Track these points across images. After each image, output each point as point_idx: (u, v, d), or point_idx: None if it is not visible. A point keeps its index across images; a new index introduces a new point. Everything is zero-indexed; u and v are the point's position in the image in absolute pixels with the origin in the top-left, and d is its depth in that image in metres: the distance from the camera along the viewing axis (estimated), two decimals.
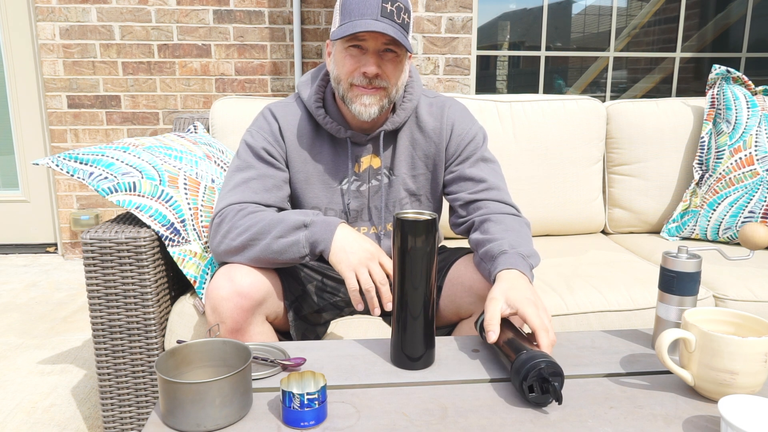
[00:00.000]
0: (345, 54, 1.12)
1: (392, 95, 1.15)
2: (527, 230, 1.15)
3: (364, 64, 1.10)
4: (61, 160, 1.29)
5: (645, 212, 1.91)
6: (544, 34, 2.95)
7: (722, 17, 3.17)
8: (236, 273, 1.07)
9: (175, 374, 0.80)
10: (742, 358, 0.77)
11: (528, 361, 0.79)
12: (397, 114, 1.21)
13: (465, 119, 1.26)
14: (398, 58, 1.13)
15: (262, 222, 1.08)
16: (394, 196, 1.25)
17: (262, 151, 1.18)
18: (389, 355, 0.94)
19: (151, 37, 2.86)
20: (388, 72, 1.12)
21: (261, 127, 1.21)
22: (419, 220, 0.85)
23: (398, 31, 1.08)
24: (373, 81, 1.11)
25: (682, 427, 0.75)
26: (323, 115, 1.19)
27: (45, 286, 2.62)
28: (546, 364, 0.78)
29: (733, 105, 1.80)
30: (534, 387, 0.79)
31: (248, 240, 1.07)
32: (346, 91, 1.13)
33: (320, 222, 1.07)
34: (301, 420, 0.74)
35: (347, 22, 1.08)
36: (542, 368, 0.78)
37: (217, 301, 1.05)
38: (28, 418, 1.57)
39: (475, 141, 1.24)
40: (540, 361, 0.79)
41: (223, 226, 1.11)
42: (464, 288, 1.14)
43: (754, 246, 1.04)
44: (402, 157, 1.24)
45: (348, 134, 1.20)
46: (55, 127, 2.93)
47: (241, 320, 1.06)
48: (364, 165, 1.24)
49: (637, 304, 1.37)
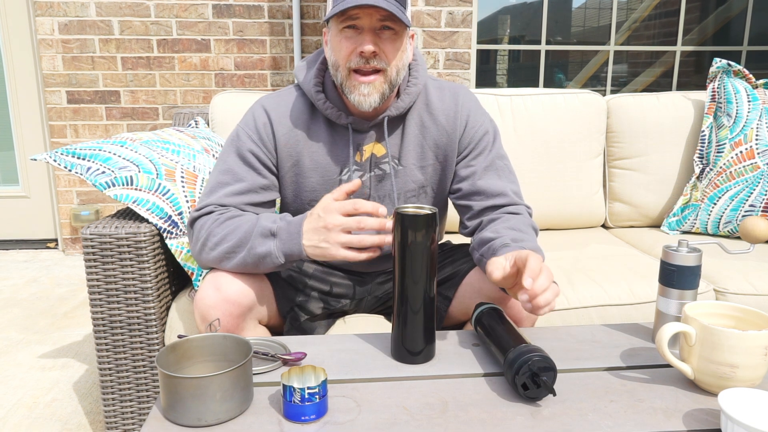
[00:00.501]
0: (340, 37, 1.05)
1: (393, 78, 1.07)
2: (532, 232, 1.11)
3: (360, 43, 1.03)
4: (59, 156, 1.29)
5: (645, 206, 1.91)
6: (545, 28, 2.94)
7: (723, 10, 3.16)
8: (222, 280, 1.05)
9: (176, 369, 0.80)
10: (742, 351, 0.77)
11: (519, 357, 0.79)
12: (402, 99, 1.13)
13: (479, 110, 1.20)
14: (396, 36, 1.05)
15: (237, 232, 1.04)
16: (400, 187, 1.18)
17: (247, 153, 1.13)
18: (390, 350, 0.94)
19: (151, 32, 2.85)
20: (386, 51, 1.04)
21: (247, 125, 1.15)
22: (419, 214, 0.85)
23: (393, 5, 1.00)
24: (370, 61, 1.04)
25: (683, 421, 0.75)
26: (323, 100, 1.12)
27: (46, 282, 2.62)
28: (538, 358, 0.78)
29: (733, 98, 1.80)
30: (527, 383, 0.79)
31: (225, 253, 1.05)
32: (344, 78, 1.07)
33: (285, 228, 1.02)
34: (301, 414, 0.74)
35: (339, 1, 1.02)
36: (534, 362, 0.78)
37: (205, 310, 1.04)
38: (29, 413, 1.58)
39: (488, 135, 1.19)
40: (532, 355, 0.79)
41: (202, 233, 1.07)
42: (474, 290, 1.13)
43: (754, 240, 1.04)
44: (410, 146, 1.16)
45: (349, 120, 1.12)
46: (55, 123, 2.92)
47: (232, 327, 1.05)
48: (367, 153, 1.16)
49: (638, 297, 1.37)
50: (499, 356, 0.85)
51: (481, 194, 1.16)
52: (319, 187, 1.17)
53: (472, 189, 1.16)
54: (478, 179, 1.16)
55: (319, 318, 1.23)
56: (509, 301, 1.08)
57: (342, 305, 1.25)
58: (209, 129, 1.74)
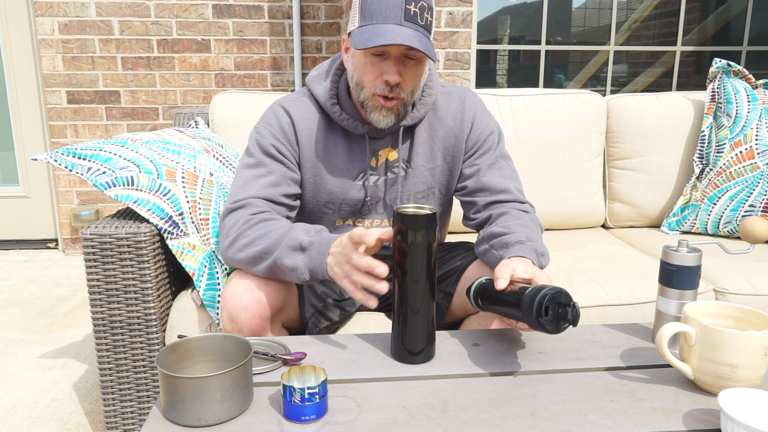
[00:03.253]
0: (365, 61, 1.07)
1: (408, 101, 1.12)
2: (540, 232, 1.14)
3: (386, 71, 1.06)
4: (60, 155, 1.29)
5: (645, 206, 1.91)
6: (545, 28, 2.94)
7: (723, 10, 3.16)
8: (255, 282, 1.05)
9: (176, 369, 0.80)
10: (742, 351, 0.77)
11: (541, 289, 0.80)
12: (417, 109, 1.18)
13: (485, 112, 1.24)
14: (419, 64, 1.09)
15: (267, 238, 1.04)
16: (410, 189, 1.22)
17: (271, 148, 1.15)
18: (390, 350, 0.94)
19: (151, 32, 2.85)
20: (407, 80, 1.08)
21: (269, 123, 1.17)
22: (419, 214, 0.85)
23: (423, 37, 1.04)
24: (394, 89, 1.08)
25: (682, 421, 0.75)
26: (339, 112, 1.16)
27: (46, 282, 2.62)
28: (559, 290, 0.79)
29: (733, 99, 1.80)
30: (548, 310, 0.79)
31: (254, 257, 1.04)
32: (367, 99, 1.10)
33: (317, 244, 1.01)
34: (301, 414, 0.74)
35: (368, 24, 1.03)
36: (556, 294, 0.79)
37: (236, 311, 1.03)
38: (30, 413, 1.58)
39: (493, 135, 1.23)
40: (553, 287, 0.80)
41: (232, 231, 1.08)
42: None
43: (754, 240, 1.04)
44: (420, 149, 1.21)
45: (366, 129, 1.17)
46: (55, 123, 2.92)
47: (260, 329, 1.05)
48: (382, 159, 1.20)
49: (638, 298, 1.37)
50: (513, 300, 0.84)
51: (485, 191, 1.19)
52: (336, 190, 1.20)
53: (477, 186, 1.20)
54: (482, 176, 1.20)
55: (339, 324, 1.23)
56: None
57: (356, 307, 1.26)
58: (209, 129, 1.74)
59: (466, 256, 1.23)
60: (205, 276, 1.30)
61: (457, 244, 1.30)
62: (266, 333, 1.07)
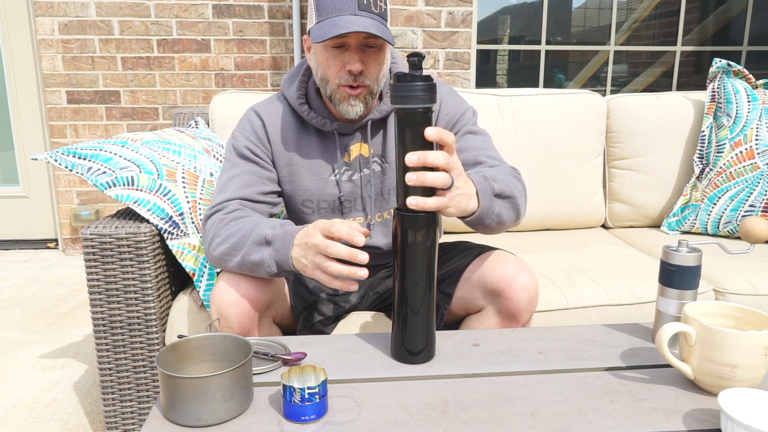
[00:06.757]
0: (327, 55, 1.10)
1: (374, 89, 1.14)
2: (513, 179, 1.11)
3: (348, 61, 1.08)
4: (60, 155, 1.29)
5: (645, 206, 1.91)
6: (545, 28, 2.94)
7: (723, 10, 3.16)
8: (240, 278, 1.06)
9: (176, 369, 0.80)
10: (742, 351, 0.77)
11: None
12: (384, 102, 1.20)
13: (452, 98, 1.25)
14: (379, 51, 1.11)
15: (236, 234, 1.06)
16: (389, 184, 1.24)
17: (245, 150, 1.19)
18: (390, 350, 0.94)
19: (150, 32, 2.85)
20: (370, 67, 1.11)
21: (243, 128, 1.22)
22: (419, 214, 0.85)
23: (379, 24, 1.06)
24: (357, 78, 1.10)
25: (682, 421, 0.75)
26: (307, 111, 1.19)
27: (46, 282, 2.62)
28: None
29: (733, 98, 1.80)
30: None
31: (224, 254, 1.06)
32: (333, 92, 1.13)
33: (281, 237, 1.01)
34: (301, 414, 0.74)
35: (324, 19, 1.06)
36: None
37: (224, 306, 1.04)
38: (29, 413, 1.58)
39: (464, 117, 1.24)
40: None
41: (209, 232, 1.11)
42: (472, 284, 1.14)
43: (754, 240, 1.04)
44: (393, 143, 1.23)
45: (334, 126, 1.19)
46: (55, 123, 2.92)
47: (249, 325, 1.05)
48: (354, 154, 1.23)
49: (638, 298, 1.37)
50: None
51: (458, 152, 1.18)
52: (311, 187, 1.22)
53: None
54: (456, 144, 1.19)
55: (331, 319, 1.24)
56: (507, 294, 1.08)
57: (351, 304, 1.28)
58: (209, 129, 1.74)
59: (465, 256, 1.23)
60: (205, 276, 1.30)
61: (456, 244, 1.30)
62: (255, 328, 1.08)
